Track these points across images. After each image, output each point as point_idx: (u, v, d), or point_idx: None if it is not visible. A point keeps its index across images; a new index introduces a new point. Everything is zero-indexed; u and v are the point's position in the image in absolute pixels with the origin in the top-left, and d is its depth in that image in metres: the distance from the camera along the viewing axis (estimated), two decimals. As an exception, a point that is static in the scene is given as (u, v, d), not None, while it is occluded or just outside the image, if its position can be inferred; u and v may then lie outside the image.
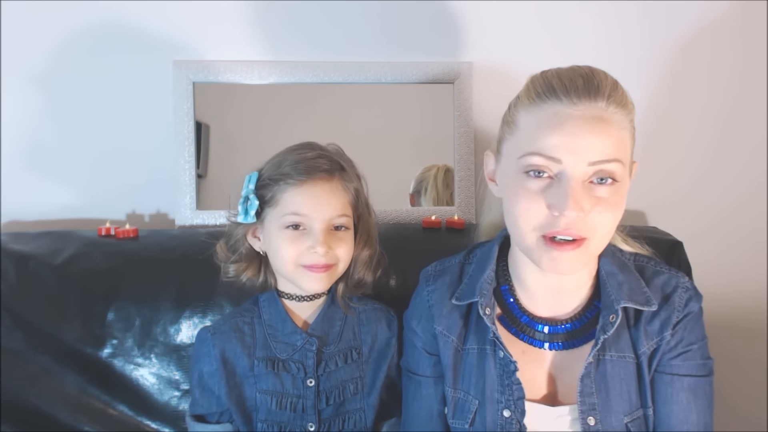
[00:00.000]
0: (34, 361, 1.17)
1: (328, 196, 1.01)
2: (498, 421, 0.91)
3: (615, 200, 0.82)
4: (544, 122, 0.81)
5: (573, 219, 0.79)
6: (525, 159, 0.82)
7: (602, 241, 0.85)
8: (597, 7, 1.42)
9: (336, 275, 1.03)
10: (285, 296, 1.06)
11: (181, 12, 1.38)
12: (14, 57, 1.37)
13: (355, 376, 1.05)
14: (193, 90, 1.38)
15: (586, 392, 0.88)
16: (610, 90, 0.82)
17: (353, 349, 1.05)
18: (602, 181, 0.81)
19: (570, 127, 0.80)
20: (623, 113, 0.83)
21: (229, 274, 1.08)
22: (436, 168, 1.44)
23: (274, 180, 1.02)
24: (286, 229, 1.00)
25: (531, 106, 0.84)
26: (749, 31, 1.45)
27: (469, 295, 0.94)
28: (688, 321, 0.90)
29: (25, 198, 1.40)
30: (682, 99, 1.46)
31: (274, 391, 1.02)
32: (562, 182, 0.80)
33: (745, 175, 1.48)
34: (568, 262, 0.82)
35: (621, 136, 0.82)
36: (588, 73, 0.83)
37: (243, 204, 1.03)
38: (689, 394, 0.89)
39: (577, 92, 0.81)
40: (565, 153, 0.80)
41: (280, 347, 1.03)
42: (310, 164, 1.01)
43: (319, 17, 1.40)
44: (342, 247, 1.02)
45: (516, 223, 0.84)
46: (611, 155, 0.80)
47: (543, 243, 0.82)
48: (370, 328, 1.08)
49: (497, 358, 0.92)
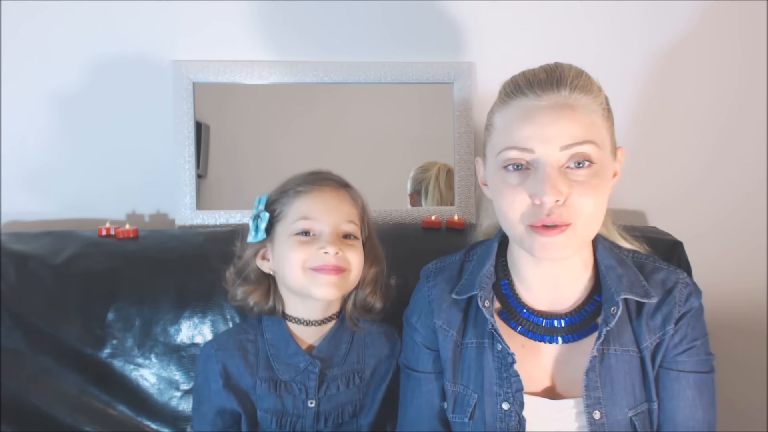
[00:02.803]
0: (34, 361, 1.17)
1: (336, 203, 1.02)
2: (497, 414, 0.91)
3: (594, 183, 0.84)
4: (514, 117, 0.86)
5: (553, 204, 0.82)
6: (502, 155, 0.86)
7: (589, 225, 0.86)
8: (597, 7, 1.42)
9: (348, 285, 1.02)
10: (293, 320, 1.05)
11: (181, 12, 1.38)
12: (14, 57, 1.37)
13: (354, 399, 1.05)
14: (193, 90, 1.38)
15: (591, 386, 0.88)
16: (572, 78, 0.86)
17: (356, 373, 1.05)
18: (579, 165, 0.84)
19: (538, 117, 0.84)
20: (589, 98, 0.86)
21: (237, 298, 1.08)
22: (436, 168, 1.44)
23: (282, 193, 1.03)
24: (296, 236, 1.00)
25: (502, 106, 0.89)
26: (749, 30, 1.45)
27: (468, 289, 0.96)
28: (690, 317, 0.91)
29: (25, 198, 1.40)
30: (681, 98, 1.46)
31: (275, 410, 1.02)
32: (539, 170, 0.84)
33: (745, 175, 1.48)
34: (558, 247, 0.84)
35: (590, 119, 0.85)
36: (551, 67, 0.88)
37: (254, 221, 1.03)
38: (694, 390, 0.90)
39: (540, 85, 0.86)
40: (537, 142, 0.84)
41: (282, 368, 1.03)
42: (317, 176, 1.04)
43: (319, 17, 1.40)
44: (352, 252, 1.01)
45: (505, 216, 0.88)
46: (582, 137, 0.83)
47: (531, 231, 0.85)
48: (375, 351, 1.07)
49: (495, 351, 0.93)
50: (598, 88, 0.89)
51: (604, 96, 0.89)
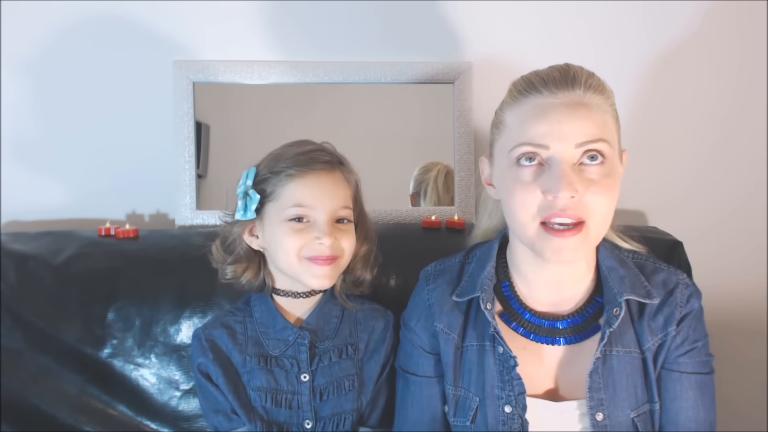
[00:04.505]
0: (34, 361, 1.17)
1: (331, 188, 1.01)
2: (499, 417, 0.91)
3: (607, 182, 0.84)
4: (529, 114, 0.86)
5: (568, 200, 0.82)
6: (515, 150, 0.86)
7: (600, 226, 0.86)
8: (596, 7, 1.42)
9: (340, 269, 1.03)
10: (281, 293, 1.05)
11: (181, 12, 1.38)
12: (15, 57, 1.37)
13: (351, 373, 1.04)
14: (193, 90, 1.38)
15: (594, 388, 0.88)
16: (586, 78, 0.86)
17: (349, 345, 1.05)
18: (592, 160, 0.84)
19: (553, 114, 0.84)
20: (602, 98, 0.86)
21: (226, 276, 1.07)
22: (436, 169, 1.44)
23: (274, 173, 1.01)
24: (289, 222, 0.99)
25: (514, 103, 0.89)
26: (748, 31, 1.45)
27: (469, 291, 0.95)
28: (692, 318, 0.91)
29: (26, 198, 1.40)
30: (681, 98, 1.46)
31: (268, 388, 1.01)
32: (554, 167, 0.83)
33: (744, 175, 1.48)
34: (570, 250, 0.84)
35: (603, 119, 0.85)
36: (564, 67, 0.88)
37: (242, 200, 1.01)
38: (696, 391, 0.90)
39: (555, 83, 0.86)
40: (552, 139, 0.83)
41: (272, 344, 1.03)
42: (310, 156, 1.01)
43: (319, 17, 1.40)
44: (346, 239, 1.01)
45: (515, 215, 0.86)
46: (596, 135, 0.84)
47: (544, 232, 0.84)
48: (367, 326, 1.07)
49: (497, 353, 0.92)
50: (609, 90, 0.89)
51: (613, 98, 0.89)
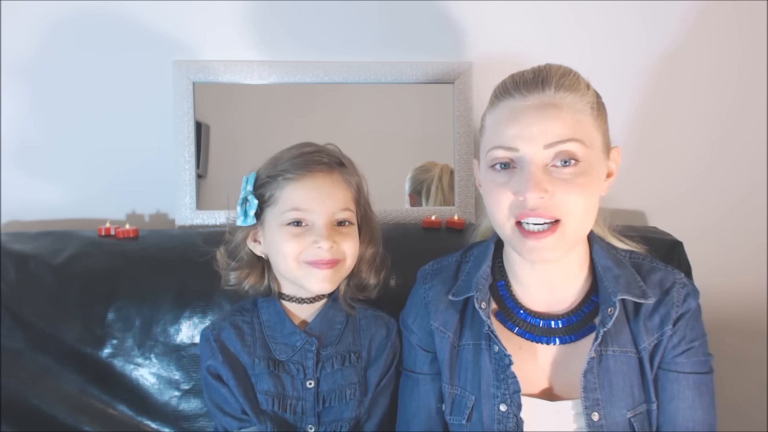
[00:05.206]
0: (34, 361, 1.17)
1: (329, 190, 0.99)
2: (495, 415, 0.91)
3: (581, 181, 0.84)
4: (502, 118, 0.88)
5: (537, 201, 0.83)
6: (490, 154, 0.88)
7: (579, 224, 0.86)
8: (596, 7, 1.42)
9: (343, 274, 1.02)
10: (286, 298, 1.05)
11: (181, 12, 1.38)
12: (15, 57, 1.37)
13: (353, 381, 1.04)
14: (193, 90, 1.38)
15: (589, 388, 0.88)
16: (558, 77, 0.87)
17: (352, 353, 1.04)
18: (565, 163, 0.85)
19: (523, 116, 0.86)
20: (575, 96, 0.86)
21: (230, 283, 1.06)
22: (439, 169, 1.44)
23: (272, 177, 1.00)
24: (288, 226, 0.99)
25: (492, 108, 0.91)
26: (748, 31, 1.45)
27: (465, 290, 0.96)
28: (689, 318, 0.91)
29: (26, 198, 1.40)
30: (682, 98, 1.46)
31: (275, 393, 1.01)
32: (524, 169, 0.85)
33: (744, 175, 1.48)
34: (546, 250, 0.85)
35: (576, 118, 0.85)
36: (539, 68, 0.90)
37: (242, 205, 1.01)
38: (694, 391, 0.90)
39: (526, 85, 0.87)
40: (521, 141, 0.85)
41: (279, 348, 1.03)
42: (308, 158, 1.00)
43: (319, 17, 1.40)
44: (347, 242, 1.00)
45: (493, 216, 0.89)
46: (566, 136, 0.84)
47: (519, 233, 0.86)
48: (369, 332, 1.07)
49: (492, 352, 0.93)
50: (586, 86, 0.89)
51: (593, 94, 0.89)
